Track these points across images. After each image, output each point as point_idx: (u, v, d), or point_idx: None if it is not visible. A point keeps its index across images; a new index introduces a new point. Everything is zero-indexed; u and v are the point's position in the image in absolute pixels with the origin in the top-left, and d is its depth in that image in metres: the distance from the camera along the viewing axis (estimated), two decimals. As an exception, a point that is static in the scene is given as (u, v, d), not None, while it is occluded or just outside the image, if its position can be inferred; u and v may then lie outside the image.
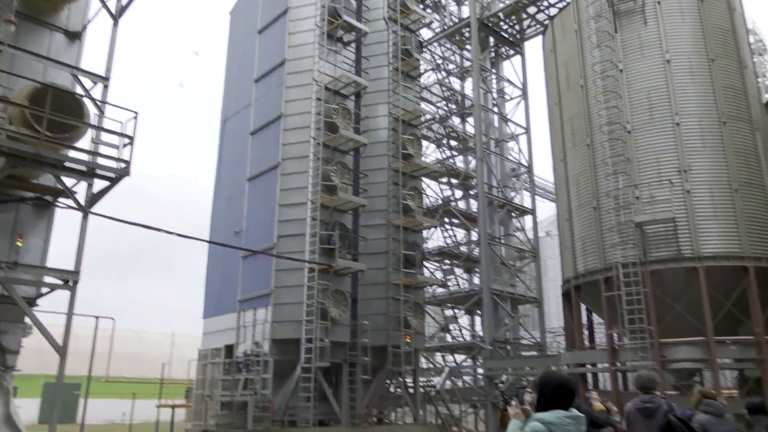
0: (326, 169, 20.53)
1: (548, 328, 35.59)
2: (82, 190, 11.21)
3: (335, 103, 21.63)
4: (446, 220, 33.36)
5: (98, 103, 11.47)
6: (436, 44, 33.97)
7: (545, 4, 30.64)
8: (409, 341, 21.72)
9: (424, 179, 27.20)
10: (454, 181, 33.96)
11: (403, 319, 21.58)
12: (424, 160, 26.11)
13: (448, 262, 33.70)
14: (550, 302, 40.61)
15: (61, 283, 10.94)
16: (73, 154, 11.08)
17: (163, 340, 49.01)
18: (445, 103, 34.19)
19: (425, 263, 28.67)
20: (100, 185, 11.28)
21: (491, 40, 32.86)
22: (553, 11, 30.26)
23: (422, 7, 31.08)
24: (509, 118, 33.00)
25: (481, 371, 27.76)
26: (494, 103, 32.36)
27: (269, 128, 22.49)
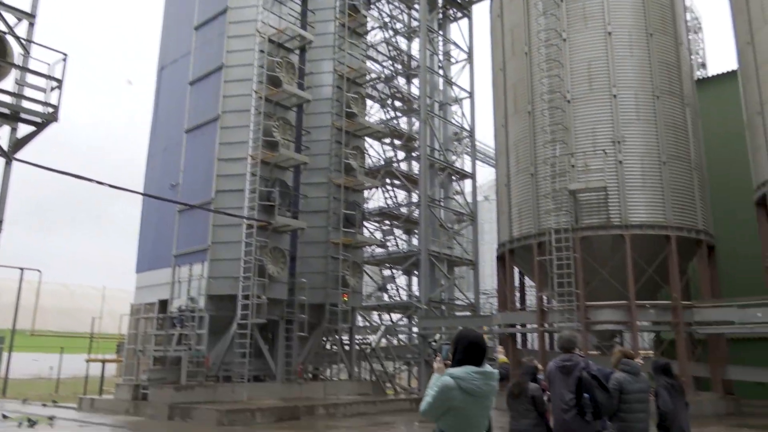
0: (268, 124, 20.11)
1: (482, 289, 36.69)
2: (5, 135, 10.58)
3: (279, 56, 21.08)
4: (387, 181, 33.45)
5: (23, 42, 10.74)
6: (384, 1, 33.42)
7: (495, -33, 30.54)
8: (346, 300, 21.96)
9: (367, 139, 27.09)
10: (396, 142, 33.96)
11: (341, 277, 21.73)
12: (367, 119, 25.95)
13: (387, 222, 33.96)
14: (485, 265, 41.76)
15: (-19, 232, 10.37)
16: (-6, 95, 10.38)
17: (93, 294, 47.63)
18: (391, 62, 33.88)
19: (365, 223, 28.80)
20: (24, 130, 10.66)
21: (440, 0, 32.60)
22: (502, -24, 30.18)
23: (372, -38, 30.40)
24: (454, 81, 33.10)
25: (416, 330, 28.45)
26: (440, 65, 32.33)
27: (209, 79, 21.73)
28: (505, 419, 7.20)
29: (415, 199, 32.97)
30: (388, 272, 34.04)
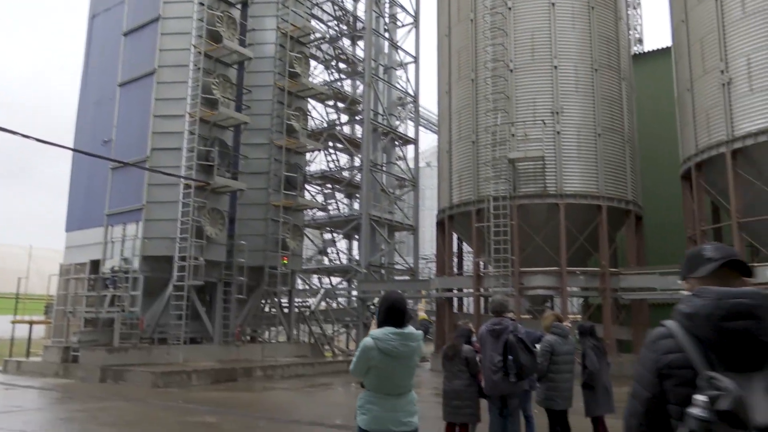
0: (207, 81, 19.44)
1: (421, 254, 37.28)
2: None
3: (219, 10, 20.29)
4: (330, 144, 33.16)
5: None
6: (330, -41, 32.56)
7: (444, -70, 30.17)
8: (286, 262, 21.86)
9: (310, 100, 26.65)
10: (340, 105, 33.58)
11: (281, 240, 21.57)
12: (311, 80, 25.48)
13: (329, 186, 33.79)
14: (425, 230, 42.36)
15: None
16: None
17: (19, 252, 45.46)
18: (336, 23, 33.23)
19: (306, 186, 28.56)
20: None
21: (387, -39, 32.04)
22: (450, -61, 29.87)
23: None
24: (399, 45, 32.83)
25: (355, 293, 28.71)
26: (386, 28, 31.95)
27: (144, 30, 20.72)
28: (439, 380, 7.42)
29: (357, 163, 32.87)
30: (328, 236, 34.04)
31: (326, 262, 33.69)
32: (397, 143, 32.64)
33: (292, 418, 10.46)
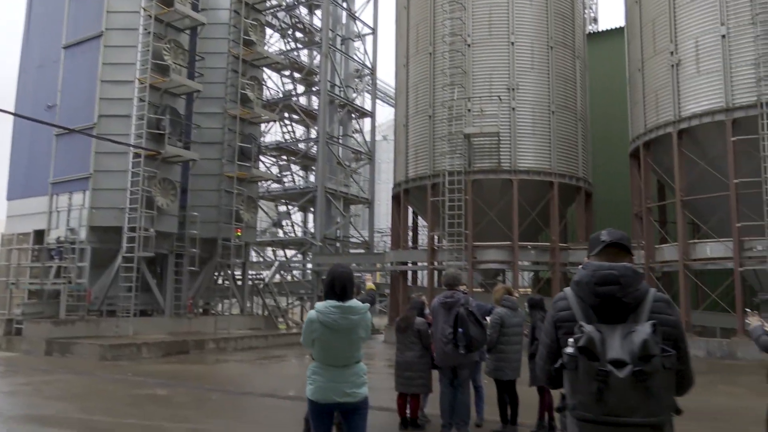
0: (158, 46, 18.77)
1: (377, 228, 37.44)
2: None
3: (171, -28, 19.52)
4: (286, 115, 32.68)
5: None
6: (288, -76, 31.67)
7: None
8: (239, 234, 21.60)
9: (265, 70, 26.09)
10: (296, 75, 33.05)
11: (235, 212, 21.27)
12: (266, 49, 24.93)
13: (284, 158, 33.42)
14: (380, 204, 42.51)
15: None
16: None
17: (-44, 221, 43.50)
18: (293, -10, 32.50)
19: (261, 157, 28.15)
20: None
21: (346, -71, 31.39)
22: None
23: None
24: (358, 16, 32.40)
25: (310, 266, 28.67)
26: (344, -2, 31.44)
27: (91, -9, 19.80)
28: (392, 351, 7.52)
29: (313, 135, 32.55)
30: (283, 208, 33.78)
31: (281, 234, 33.47)
32: (353, 116, 32.42)
33: (245, 390, 10.46)
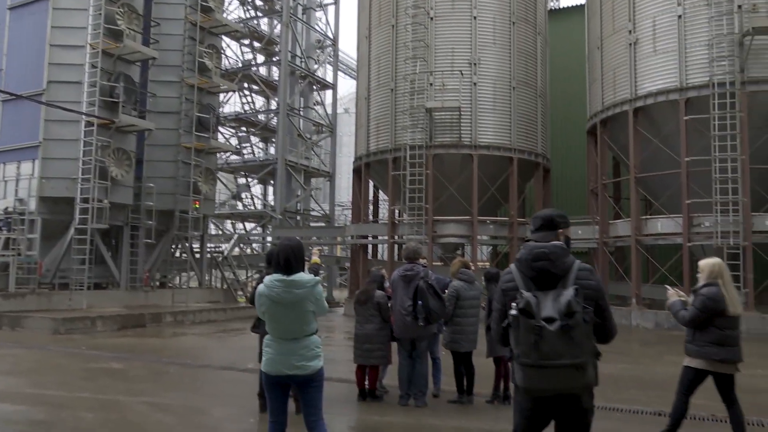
0: (111, 10, 18.03)
1: (338, 201, 37.32)
2: None
3: (124, -67, 18.71)
4: (245, 85, 32.03)
5: None
6: None
7: None
8: (197, 207, 21.24)
9: (224, 38, 25.41)
10: (256, 44, 32.32)
11: (192, 184, 20.86)
12: (225, 16, 24.26)
13: (244, 129, 32.85)
14: (342, 177, 42.32)
15: None
16: None
17: None
18: (253, -44, 31.61)
19: (220, 128, 27.60)
20: None
21: None
22: None
23: None
24: (319, -15, 31.76)
25: (270, 239, 28.46)
26: (306, -34, 30.75)
27: (38, -51, 18.83)
28: (352, 324, 7.58)
29: (273, 106, 32.04)
30: (243, 180, 33.31)
31: (240, 207, 33.06)
32: (314, 87, 31.99)
33: (203, 363, 10.40)
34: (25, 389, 7.90)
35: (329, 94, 33.26)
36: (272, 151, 32.48)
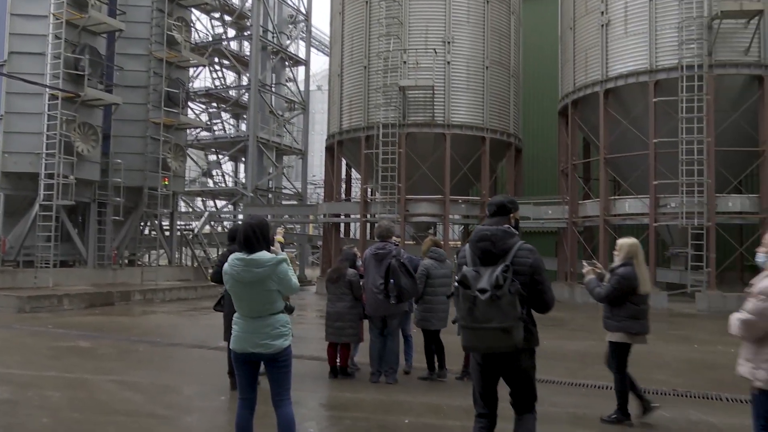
0: (75, -21, 17.45)
1: (310, 179, 37.11)
2: None
3: None
4: (216, 60, 31.40)
5: None
6: None
7: None
8: (167, 183, 20.92)
9: (193, 11, 24.82)
10: (227, 18, 31.64)
11: (161, 160, 20.50)
12: (195, -11, 23.63)
13: (214, 105, 32.29)
14: (314, 155, 41.99)
15: None
16: None
17: None
18: (223, -74, 30.76)
19: (190, 104, 27.08)
20: None
21: None
22: None
23: None
24: (292, -42, 31.14)
25: (241, 217, 28.19)
26: (278, -62, 30.09)
27: None
28: (324, 302, 7.59)
29: (244, 82, 31.51)
30: (213, 157, 32.85)
31: (211, 184, 32.64)
32: (287, 64, 31.55)
33: (173, 341, 10.32)
34: (-11, 368, 7.76)
35: (302, 70, 32.86)
36: (243, 127, 32.04)
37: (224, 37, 31.57)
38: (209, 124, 31.06)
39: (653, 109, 17.04)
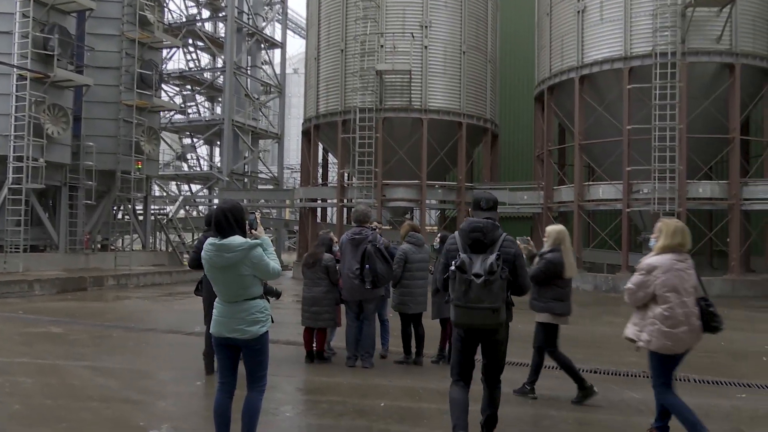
0: (42, -44, 16.93)
1: (286, 164, 36.82)
2: None
3: None
4: (190, 41, 30.84)
5: None
6: None
7: None
8: (140, 167, 20.58)
9: (167, -9, 24.30)
10: (201, -2, 31.05)
11: (134, 143, 20.15)
12: (168, -32, 23.13)
13: (189, 87, 31.77)
14: (291, 139, 41.64)
15: None
16: None
17: None
18: None
19: (163, 86, 26.61)
20: None
21: None
22: None
23: None
24: (268, -62, 30.62)
25: (216, 201, 27.91)
26: None
27: None
28: (301, 287, 7.57)
29: (219, 64, 31.06)
30: (188, 140, 32.39)
31: (185, 168, 32.21)
32: (263, 46, 31.14)
33: (147, 326, 10.23)
34: (-43, 355, 7.61)
35: (278, 53, 32.43)
36: (218, 111, 31.62)
37: (198, 18, 31.00)
38: (183, 106, 30.58)
39: (627, 95, 17.23)
